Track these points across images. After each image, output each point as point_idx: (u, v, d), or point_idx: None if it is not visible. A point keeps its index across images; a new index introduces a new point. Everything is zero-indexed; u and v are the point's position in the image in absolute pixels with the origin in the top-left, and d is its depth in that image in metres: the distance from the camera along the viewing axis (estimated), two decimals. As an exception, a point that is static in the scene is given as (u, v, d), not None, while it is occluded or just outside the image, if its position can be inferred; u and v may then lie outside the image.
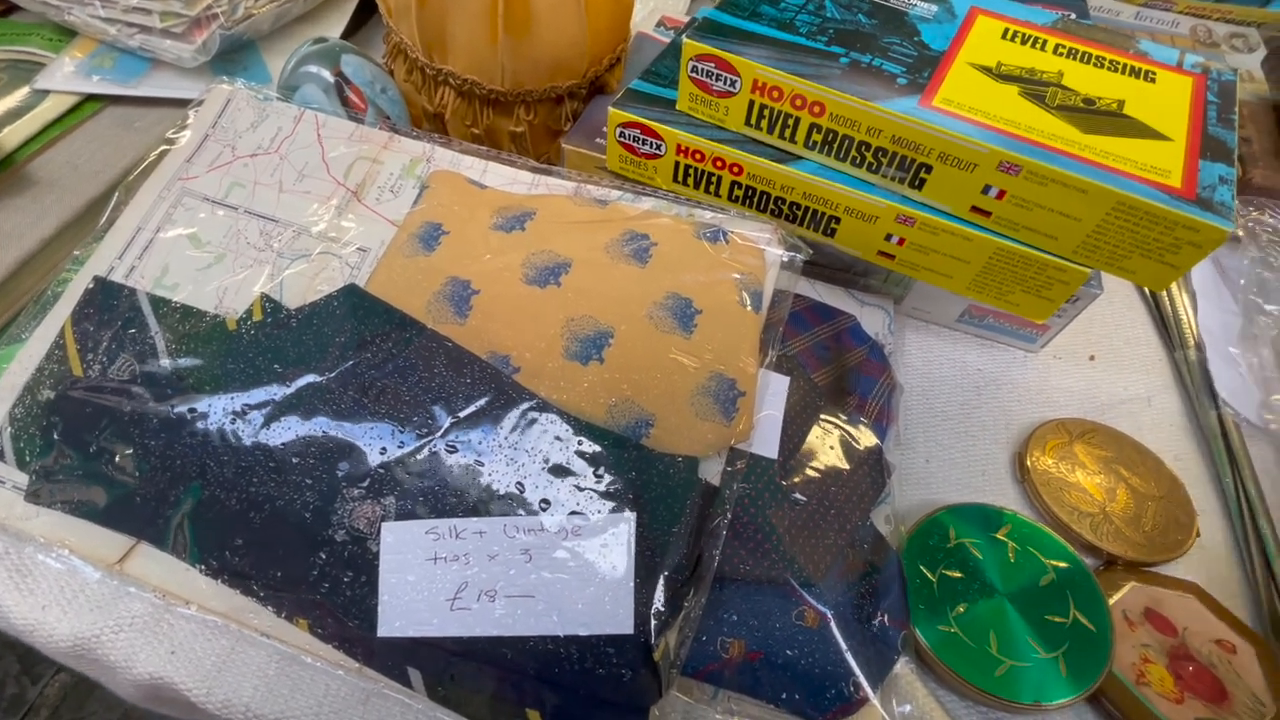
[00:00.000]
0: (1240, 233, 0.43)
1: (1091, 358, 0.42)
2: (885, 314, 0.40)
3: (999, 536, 0.32)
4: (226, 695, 0.28)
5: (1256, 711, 0.28)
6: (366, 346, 0.29)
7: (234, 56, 0.47)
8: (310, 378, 0.28)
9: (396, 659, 0.25)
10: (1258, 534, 0.34)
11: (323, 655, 0.26)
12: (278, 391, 0.28)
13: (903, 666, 0.29)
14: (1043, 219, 0.30)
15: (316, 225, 0.35)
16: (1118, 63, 0.34)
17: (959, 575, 0.31)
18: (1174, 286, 0.44)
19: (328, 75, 0.40)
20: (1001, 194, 0.31)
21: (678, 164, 0.36)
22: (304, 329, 0.30)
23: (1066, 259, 0.31)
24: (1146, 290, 0.45)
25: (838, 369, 0.36)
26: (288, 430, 0.28)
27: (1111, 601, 0.31)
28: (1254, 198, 0.44)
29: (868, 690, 0.27)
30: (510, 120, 0.43)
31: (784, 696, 0.27)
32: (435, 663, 0.25)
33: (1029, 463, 0.36)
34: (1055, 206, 0.30)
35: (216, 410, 0.28)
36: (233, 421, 0.28)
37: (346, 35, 0.51)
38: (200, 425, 0.28)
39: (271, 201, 0.36)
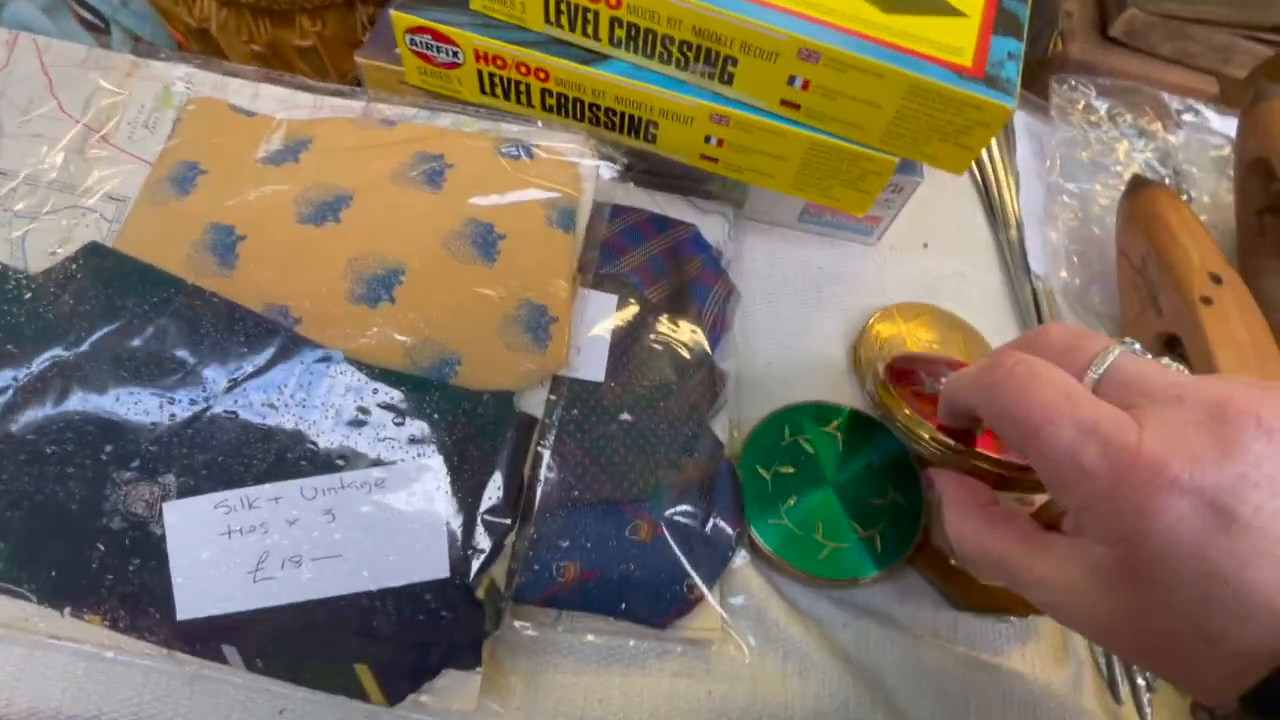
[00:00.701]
0: (1054, 111, 0.44)
1: (925, 245, 0.43)
2: (725, 220, 0.39)
3: (830, 430, 0.33)
4: (30, 704, 0.26)
5: None
6: (118, 312, 0.25)
7: (-70, -32, 0.38)
8: (54, 354, 0.25)
9: (207, 639, 0.24)
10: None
11: (125, 648, 0.24)
12: (17, 374, 0.25)
13: (740, 562, 0.31)
14: (847, 108, 0.30)
15: (53, 174, 0.30)
16: (924, -66, 0.33)
17: (791, 471, 0.32)
18: (1000, 167, 0.46)
19: (43, -13, 0.33)
20: (806, 84, 0.30)
21: (481, 73, 0.33)
22: (39, 300, 0.26)
23: (874, 148, 0.31)
24: (976, 174, 0.46)
25: (676, 281, 0.36)
26: (35, 416, 0.24)
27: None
28: (1070, 75, 0.45)
29: (702, 587, 0.28)
30: (294, 33, 0.37)
31: (622, 607, 0.28)
32: (249, 636, 0.24)
33: (860, 353, 0.37)
34: (857, 94, 0.29)
35: (-56, 404, 0.24)
36: (-34, 414, 0.24)
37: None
38: (-71, 423, 0.24)
39: (-8, 149, 0.30)
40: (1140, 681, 0.31)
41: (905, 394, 0.31)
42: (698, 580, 0.28)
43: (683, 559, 0.28)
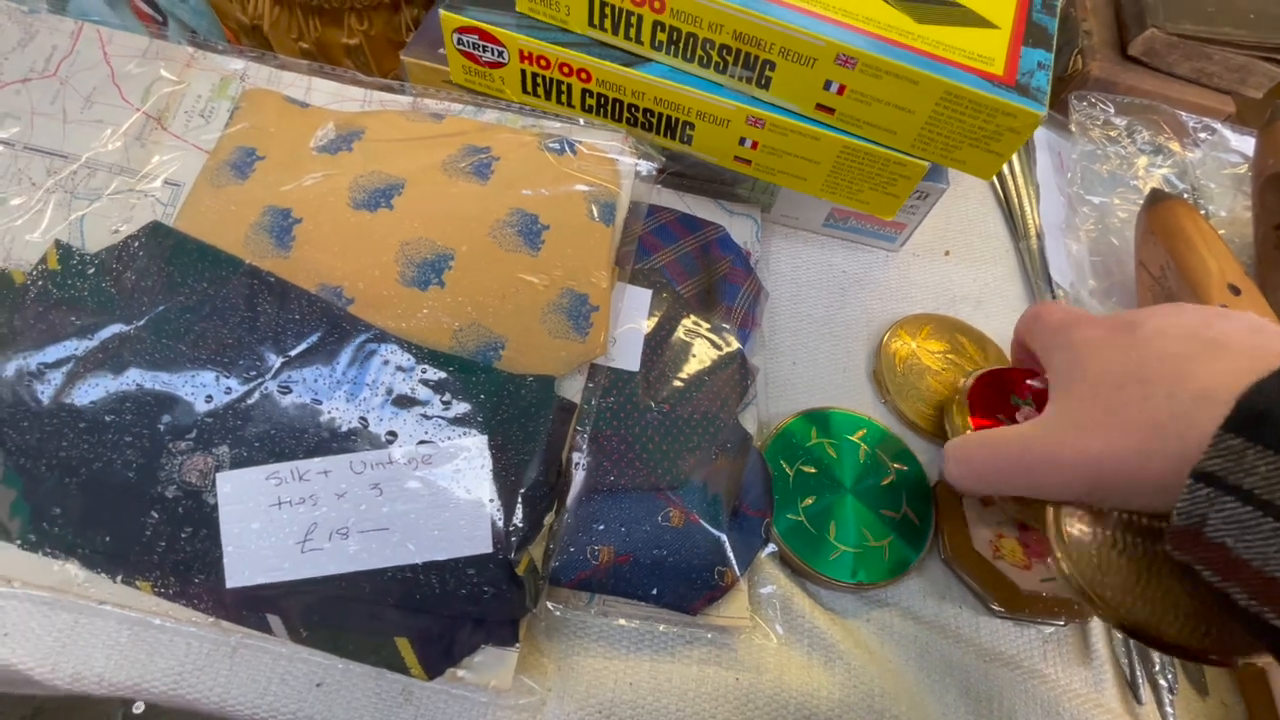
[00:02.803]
0: (1074, 127, 0.45)
1: (947, 253, 0.44)
2: (753, 222, 0.40)
3: (854, 439, 0.34)
4: (75, 669, 0.26)
5: None
6: (178, 289, 0.26)
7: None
8: (116, 328, 0.26)
9: (253, 608, 0.25)
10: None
11: (172, 615, 0.25)
12: (78, 346, 0.25)
13: (768, 553, 0.31)
14: (881, 113, 0.31)
15: (114, 158, 0.31)
16: (955, -50, 0.34)
17: (813, 471, 0.32)
18: (1020, 180, 0.47)
19: (108, -19, 0.34)
20: (842, 89, 0.31)
21: (524, 72, 0.34)
22: (103, 275, 0.27)
23: (905, 153, 0.32)
24: (997, 185, 0.47)
25: (706, 279, 0.37)
26: (96, 388, 0.25)
27: None
28: (1090, 92, 0.47)
29: (736, 572, 0.29)
30: (342, 31, 0.39)
31: (654, 592, 0.28)
32: (294, 606, 0.25)
33: (880, 364, 0.37)
34: (891, 99, 0.30)
35: (8, 373, 0.25)
36: (29, 384, 0.25)
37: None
38: (-8, 391, 0.25)
39: (56, 134, 0.31)
40: (1162, 683, 0.31)
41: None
42: (734, 563, 0.29)
43: (725, 544, 0.29)
